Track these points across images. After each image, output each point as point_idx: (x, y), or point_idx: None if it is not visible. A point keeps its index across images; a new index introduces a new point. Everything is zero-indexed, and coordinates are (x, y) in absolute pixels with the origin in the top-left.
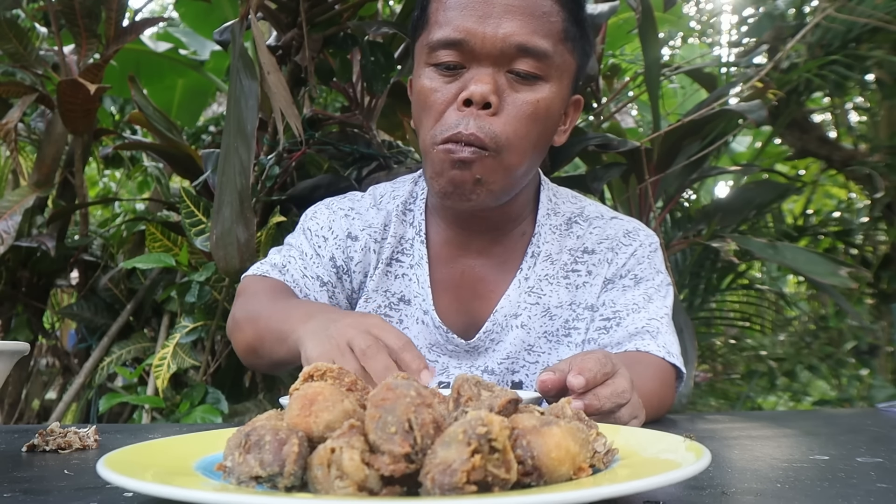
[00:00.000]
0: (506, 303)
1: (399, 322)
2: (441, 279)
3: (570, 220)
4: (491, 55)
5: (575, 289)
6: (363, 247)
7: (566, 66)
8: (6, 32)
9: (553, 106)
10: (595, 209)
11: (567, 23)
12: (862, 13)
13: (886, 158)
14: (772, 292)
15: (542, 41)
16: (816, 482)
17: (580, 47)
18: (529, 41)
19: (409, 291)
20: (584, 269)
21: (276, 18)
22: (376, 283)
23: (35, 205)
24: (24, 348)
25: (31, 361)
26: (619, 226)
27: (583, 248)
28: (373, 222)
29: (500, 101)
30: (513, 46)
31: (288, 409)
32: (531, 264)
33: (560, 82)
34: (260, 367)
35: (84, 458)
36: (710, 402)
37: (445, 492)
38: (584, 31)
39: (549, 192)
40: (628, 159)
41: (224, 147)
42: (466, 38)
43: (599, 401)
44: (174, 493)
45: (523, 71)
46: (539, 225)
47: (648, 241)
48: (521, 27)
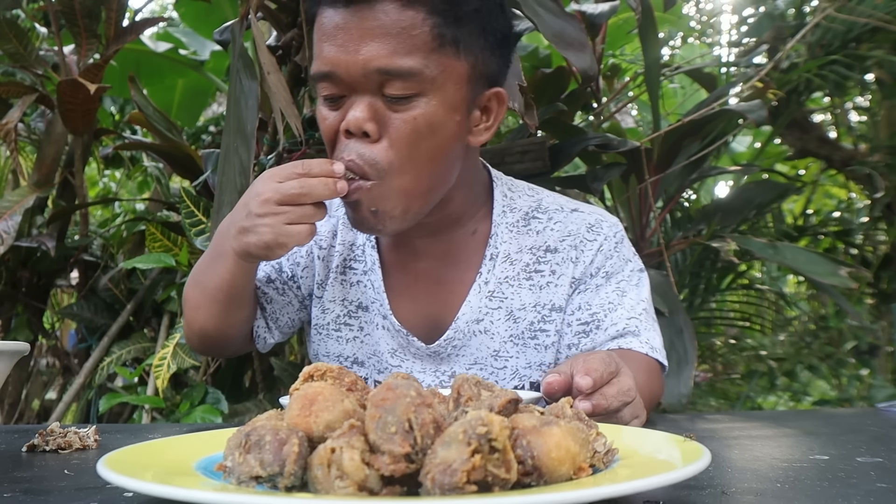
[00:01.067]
0: (467, 309)
1: (360, 329)
2: (396, 284)
3: (527, 214)
4: (359, 83)
5: (539, 289)
6: (307, 253)
7: (449, 73)
8: (6, 32)
9: (437, 118)
10: (553, 200)
11: (440, 28)
12: (862, 13)
13: (886, 158)
14: (772, 292)
15: (406, 60)
16: (816, 482)
17: (475, 43)
18: (390, 64)
19: (365, 298)
20: (548, 268)
21: (276, 18)
22: (332, 292)
23: (35, 205)
24: (24, 348)
25: (31, 361)
26: (581, 219)
27: (545, 247)
28: (320, 229)
29: (378, 126)
30: (374, 72)
31: (288, 409)
32: (490, 267)
33: (443, 91)
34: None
35: (84, 458)
36: (710, 402)
37: (446, 492)
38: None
39: (503, 188)
40: (628, 159)
41: (224, 147)
42: (333, 69)
43: (607, 400)
44: (174, 493)
45: (393, 94)
46: (495, 224)
47: (612, 231)
48: (380, 50)
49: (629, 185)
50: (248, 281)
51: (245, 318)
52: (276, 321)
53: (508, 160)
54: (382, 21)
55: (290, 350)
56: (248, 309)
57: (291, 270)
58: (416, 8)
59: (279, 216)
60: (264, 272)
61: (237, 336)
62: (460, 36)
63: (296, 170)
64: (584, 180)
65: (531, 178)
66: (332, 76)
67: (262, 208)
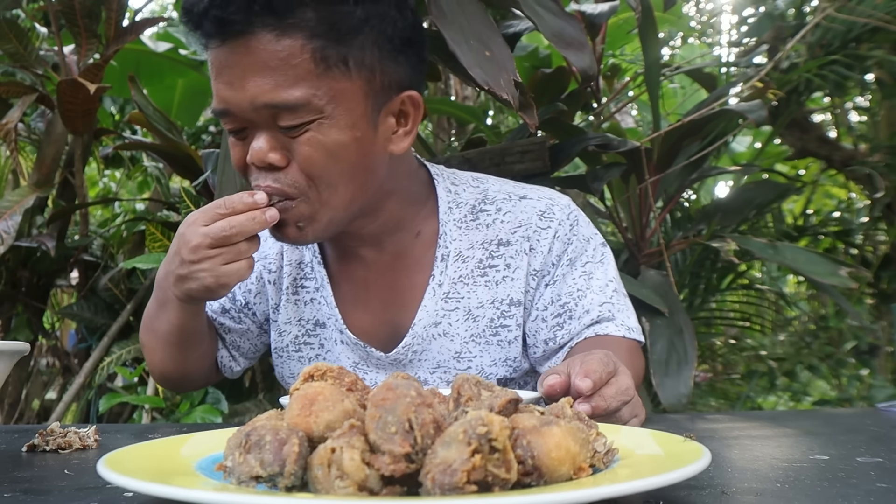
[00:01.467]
0: (423, 314)
1: (321, 346)
2: (348, 296)
3: (474, 208)
4: (252, 118)
5: (495, 285)
6: (258, 278)
7: (341, 94)
8: (6, 32)
9: (336, 141)
10: (500, 189)
11: (323, 51)
12: (862, 13)
13: (886, 158)
14: (772, 292)
15: (291, 91)
16: (816, 482)
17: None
18: (274, 98)
19: (321, 315)
20: (502, 262)
21: None
22: (287, 314)
23: (35, 205)
24: (24, 348)
25: (31, 361)
26: (531, 207)
27: (497, 241)
28: (268, 252)
29: (283, 154)
30: (262, 107)
31: (288, 409)
32: (442, 268)
33: (337, 113)
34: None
35: (84, 458)
36: (710, 402)
37: (446, 492)
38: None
39: (446, 183)
40: (628, 159)
41: (224, 147)
42: (226, 107)
43: (606, 401)
44: (174, 493)
45: (286, 126)
46: (443, 223)
47: (565, 214)
48: (261, 86)
49: (629, 185)
50: (198, 322)
51: (201, 355)
52: (238, 349)
53: (508, 160)
54: (260, 55)
55: None
56: (203, 346)
57: (244, 298)
58: (291, 36)
59: (214, 259)
60: (219, 303)
61: (198, 372)
62: (348, 54)
63: (218, 210)
64: (584, 180)
65: (531, 178)
66: (228, 113)
67: (195, 255)
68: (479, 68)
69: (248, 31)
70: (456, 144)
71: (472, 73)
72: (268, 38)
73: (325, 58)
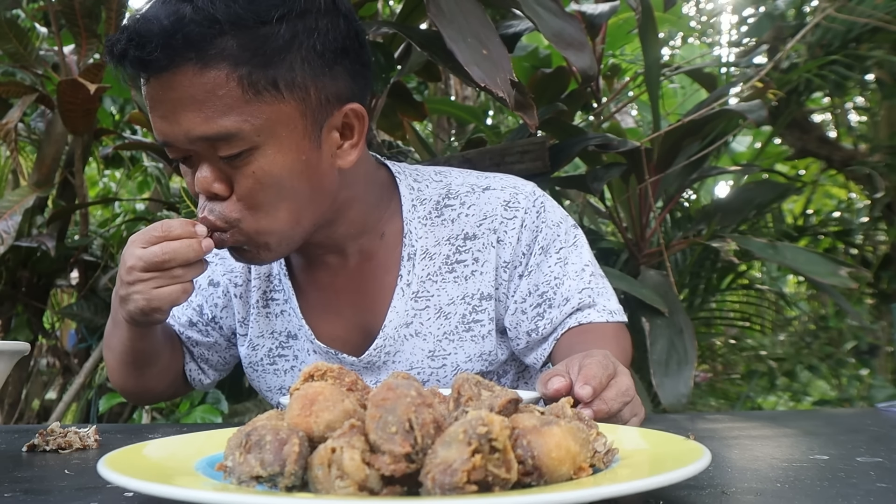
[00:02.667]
0: (394, 315)
1: (295, 357)
2: (317, 304)
3: (438, 203)
4: (191, 150)
5: (465, 280)
6: (224, 293)
7: (276, 118)
8: (6, 32)
9: (278, 165)
10: (463, 181)
11: (249, 77)
12: (862, 13)
13: (886, 158)
14: (772, 292)
15: (222, 122)
16: (816, 482)
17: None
18: (207, 131)
19: (292, 326)
20: (470, 257)
21: None
22: (259, 327)
23: (35, 205)
24: (24, 348)
25: (31, 361)
26: (495, 198)
27: (463, 235)
28: (234, 266)
29: (226, 186)
30: (197, 140)
31: (288, 409)
32: (409, 267)
33: (276, 137)
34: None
35: (84, 458)
36: (710, 402)
37: (446, 492)
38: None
39: (408, 181)
40: (628, 159)
41: None
42: (165, 140)
43: (607, 404)
44: (174, 492)
45: (226, 155)
46: (407, 221)
47: (530, 202)
48: (193, 119)
49: (629, 185)
50: (147, 342)
51: (159, 372)
52: (206, 361)
53: (508, 160)
54: (187, 90)
55: None
56: (160, 364)
57: (211, 312)
58: (216, 67)
59: (147, 282)
60: (186, 316)
61: (159, 387)
62: (277, 76)
63: (155, 233)
64: (584, 180)
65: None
66: (168, 145)
67: (130, 276)
68: (477, 66)
69: (170, 67)
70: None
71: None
72: (191, 72)
73: (252, 84)
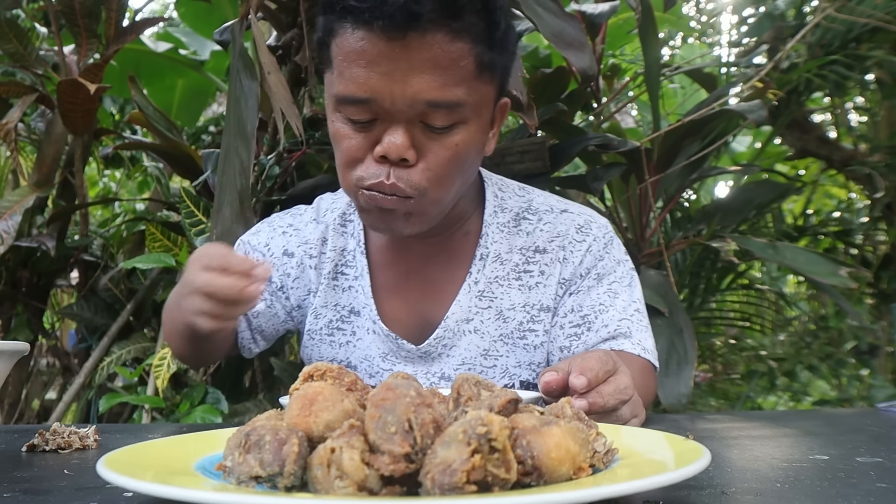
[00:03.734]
0: (457, 308)
1: (353, 333)
2: (386, 285)
3: (518, 215)
4: (402, 112)
5: (528, 290)
6: (298, 263)
7: (484, 98)
8: (6, 32)
9: (473, 141)
10: (544, 201)
11: (481, 56)
12: (862, 13)
13: (886, 158)
14: (772, 292)
15: (454, 91)
16: (816, 482)
17: (500, 62)
18: (440, 96)
19: (357, 303)
20: (537, 269)
21: (276, 18)
22: (323, 298)
23: (35, 205)
24: (24, 348)
25: (31, 361)
26: (571, 220)
27: (534, 248)
28: (309, 238)
29: (416, 153)
30: (422, 104)
31: (288, 409)
32: (480, 267)
33: (479, 115)
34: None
35: (84, 458)
36: (710, 402)
37: (445, 492)
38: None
39: (494, 189)
40: (628, 159)
41: (224, 147)
42: (373, 97)
43: (603, 398)
44: (174, 493)
45: (436, 125)
46: (486, 225)
47: (601, 232)
48: (430, 83)
49: (629, 185)
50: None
51: (215, 347)
52: (261, 332)
53: (508, 160)
54: (434, 53)
55: (290, 350)
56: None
57: (281, 281)
58: (463, 39)
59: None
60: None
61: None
62: (494, 61)
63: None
64: (584, 180)
65: (531, 178)
66: (371, 102)
67: (184, 288)
68: None
69: (430, 28)
70: None
71: None
72: (444, 38)
73: (481, 63)
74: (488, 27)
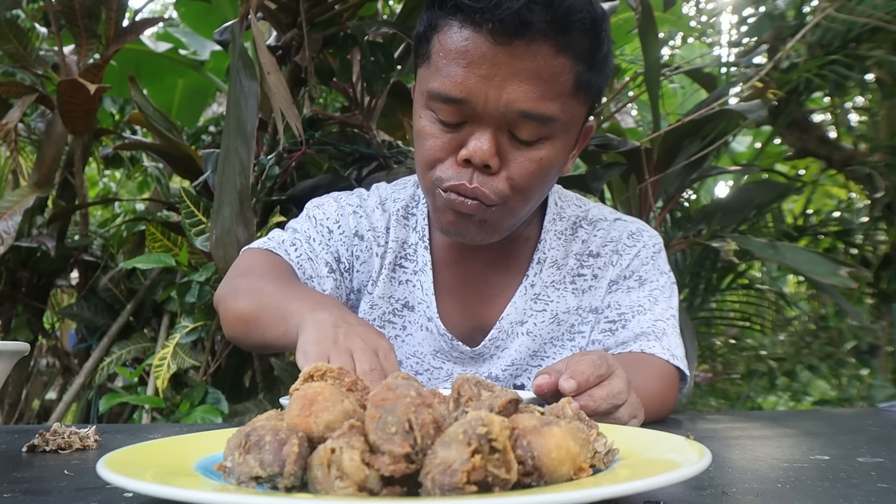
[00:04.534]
0: (512, 310)
1: (403, 328)
2: (445, 285)
3: (575, 224)
4: (493, 117)
5: (581, 293)
6: (367, 248)
7: (575, 117)
8: (6, 32)
9: (557, 158)
10: (599, 212)
11: (580, 75)
12: (862, 13)
13: (886, 158)
14: (772, 292)
15: (549, 105)
16: (817, 482)
17: (596, 84)
18: (535, 108)
19: (413, 298)
20: (590, 272)
21: (276, 18)
22: (381, 289)
23: (35, 205)
24: (24, 348)
25: (31, 361)
26: (623, 227)
27: (588, 252)
28: (377, 224)
29: (500, 161)
30: (516, 113)
31: (288, 410)
32: (537, 271)
33: (567, 134)
34: (244, 341)
35: (84, 458)
36: (710, 402)
37: (446, 492)
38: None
39: (555, 196)
40: (628, 159)
41: (224, 147)
42: (468, 98)
43: (595, 402)
44: (174, 493)
45: (526, 136)
46: (545, 231)
47: (652, 241)
48: (527, 93)
49: (629, 185)
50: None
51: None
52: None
53: None
54: (536, 63)
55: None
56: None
57: (348, 262)
58: (566, 54)
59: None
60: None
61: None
62: (592, 81)
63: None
64: (584, 180)
65: None
66: (464, 103)
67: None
68: None
69: (536, 38)
70: None
71: None
72: (549, 50)
73: (579, 82)
74: (592, 47)
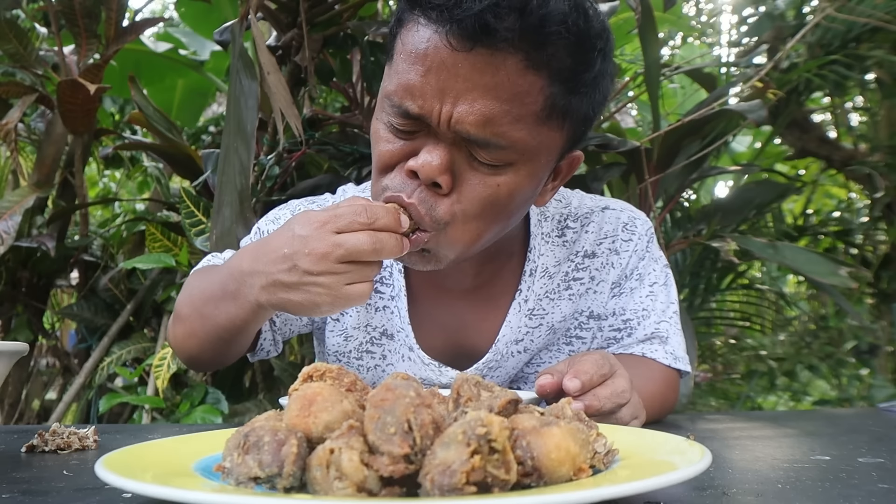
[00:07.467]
0: (507, 330)
1: (383, 357)
2: (424, 311)
3: (560, 223)
4: (446, 134)
5: (578, 297)
6: None
7: (546, 145)
8: (6, 32)
9: (519, 188)
10: (580, 203)
11: (554, 98)
12: (862, 13)
13: (886, 158)
14: (772, 292)
15: (506, 129)
16: (818, 483)
17: (579, 112)
18: (482, 133)
19: (391, 325)
20: (587, 275)
21: (276, 18)
22: (357, 318)
23: (35, 205)
24: (24, 348)
25: (31, 361)
26: (614, 217)
27: (583, 253)
28: None
29: (452, 180)
30: (468, 133)
31: (287, 410)
32: (529, 283)
33: (535, 162)
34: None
35: (83, 458)
36: (710, 402)
37: (445, 493)
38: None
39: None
40: (628, 159)
41: (224, 147)
42: (420, 113)
43: (599, 401)
44: (172, 494)
45: (484, 158)
46: (533, 236)
47: (645, 229)
48: (482, 112)
49: (629, 185)
50: (260, 324)
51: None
52: (283, 334)
53: None
54: (498, 79)
55: (290, 350)
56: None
57: None
58: (538, 72)
59: (340, 276)
60: None
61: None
62: (570, 107)
63: (358, 219)
64: (584, 180)
65: None
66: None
67: (318, 265)
68: None
69: (501, 49)
70: None
71: None
72: (515, 65)
73: (552, 106)
74: (575, 66)
